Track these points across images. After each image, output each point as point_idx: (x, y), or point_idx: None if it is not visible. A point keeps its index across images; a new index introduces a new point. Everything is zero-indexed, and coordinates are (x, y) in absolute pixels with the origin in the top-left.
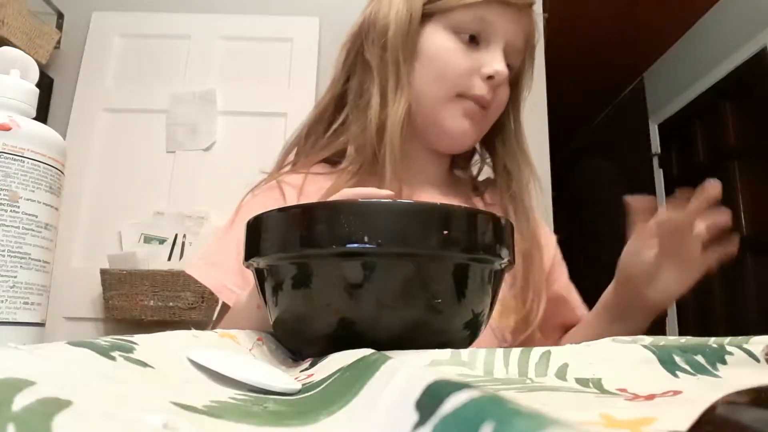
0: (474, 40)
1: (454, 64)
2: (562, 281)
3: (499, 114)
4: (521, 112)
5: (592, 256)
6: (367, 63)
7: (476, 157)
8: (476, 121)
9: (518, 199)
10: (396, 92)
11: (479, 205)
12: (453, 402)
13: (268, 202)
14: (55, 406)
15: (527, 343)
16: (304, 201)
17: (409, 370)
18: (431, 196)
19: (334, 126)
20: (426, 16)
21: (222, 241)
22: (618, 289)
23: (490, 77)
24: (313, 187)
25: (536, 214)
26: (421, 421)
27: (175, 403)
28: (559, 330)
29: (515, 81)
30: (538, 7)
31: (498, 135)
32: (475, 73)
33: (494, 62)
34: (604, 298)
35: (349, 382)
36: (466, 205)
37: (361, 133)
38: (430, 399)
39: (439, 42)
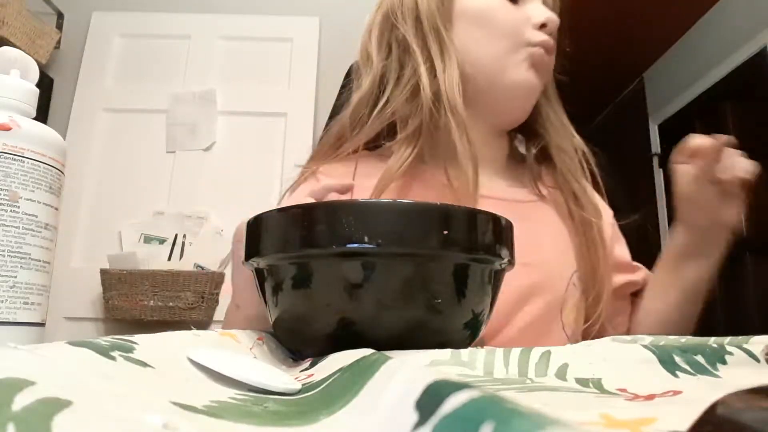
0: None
1: (505, 17)
2: (625, 262)
3: (551, 71)
4: (553, 84)
5: None
6: (404, 40)
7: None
8: (542, 71)
9: (574, 179)
10: (443, 58)
11: (543, 191)
12: (453, 402)
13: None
14: (55, 406)
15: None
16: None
17: (409, 370)
18: (494, 185)
19: (379, 106)
20: None
21: None
22: (687, 225)
23: (543, 25)
24: (362, 171)
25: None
26: (421, 421)
27: (175, 403)
28: (625, 300)
29: None
30: None
31: (542, 113)
32: (527, 24)
33: (542, 12)
34: (674, 244)
35: (349, 382)
36: (466, 206)
37: (406, 104)
38: (430, 399)
39: (481, 1)
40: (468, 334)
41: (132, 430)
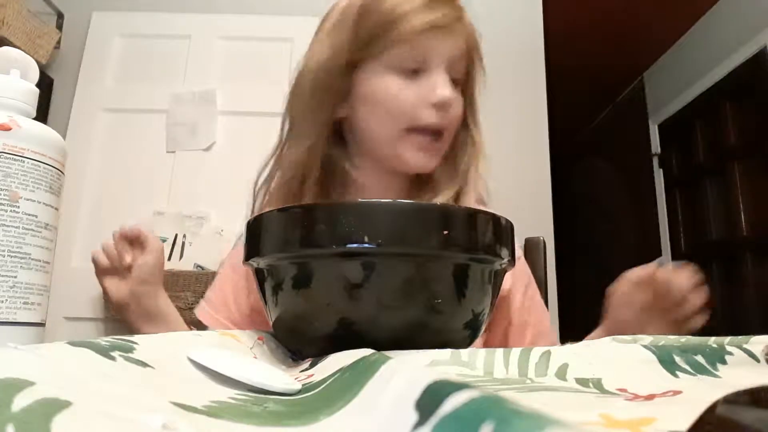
0: (415, 72)
1: (400, 100)
2: (519, 304)
3: (454, 132)
4: (478, 111)
5: (591, 256)
6: (299, 111)
7: None
8: (432, 152)
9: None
10: (299, 139)
11: None
12: (453, 402)
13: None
14: (54, 406)
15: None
16: None
17: (409, 370)
18: None
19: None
20: (361, 61)
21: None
22: (607, 330)
23: (437, 104)
24: None
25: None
26: (421, 420)
27: (175, 403)
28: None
29: (467, 84)
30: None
31: (458, 141)
32: (423, 103)
33: (438, 88)
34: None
35: (349, 383)
36: (466, 206)
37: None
38: (430, 399)
39: (380, 82)
40: (468, 334)
41: (131, 430)
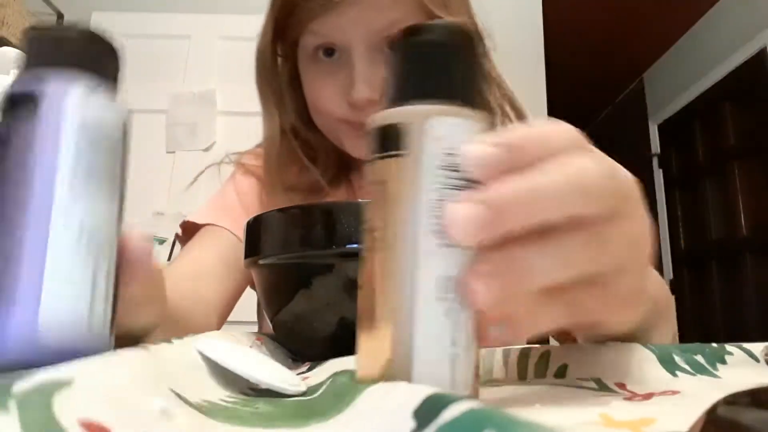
0: (332, 54)
1: (319, 94)
2: None
3: None
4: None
5: None
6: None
7: None
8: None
9: None
10: (269, 122)
11: None
12: (452, 411)
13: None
14: (55, 385)
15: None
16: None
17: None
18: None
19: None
20: (294, 43)
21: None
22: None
23: (355, 105)
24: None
25: None
26: (418, 429)
27: (174, 392)
28: None
29: None
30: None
31: None
32: (343, 97)
33: (355, 83)
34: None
35: (347, 389)
36: None
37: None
38: (429, 408)
39: (304, 69)
40: None
41: (131, 412)
